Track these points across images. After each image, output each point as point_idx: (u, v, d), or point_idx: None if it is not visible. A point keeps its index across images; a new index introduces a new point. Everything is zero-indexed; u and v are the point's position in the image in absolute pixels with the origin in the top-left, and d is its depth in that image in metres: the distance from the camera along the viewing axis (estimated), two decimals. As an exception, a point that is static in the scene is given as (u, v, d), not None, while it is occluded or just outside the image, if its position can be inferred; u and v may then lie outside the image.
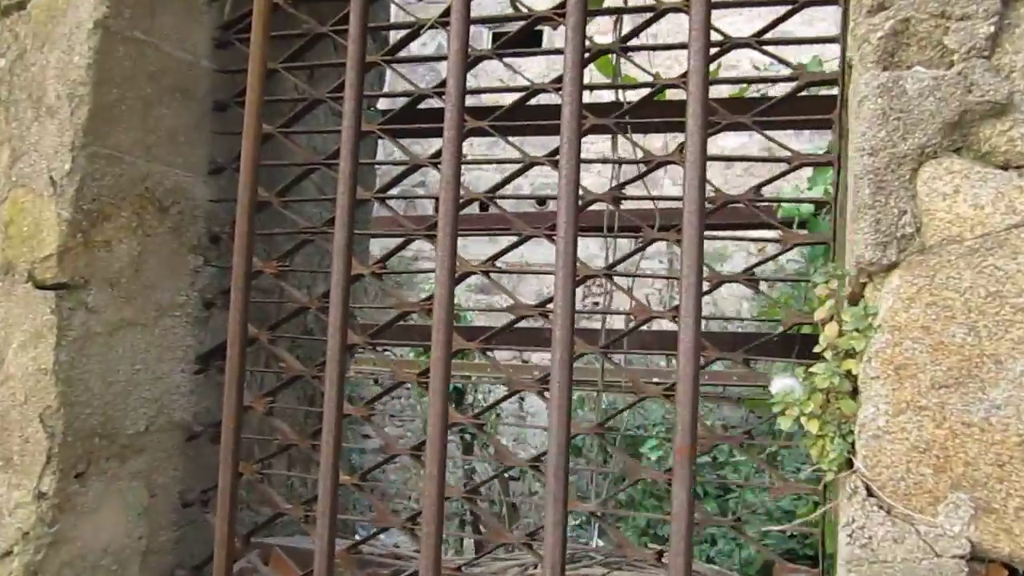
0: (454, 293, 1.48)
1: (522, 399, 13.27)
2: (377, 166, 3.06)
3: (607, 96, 4.21)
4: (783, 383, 1.47)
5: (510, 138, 2.08)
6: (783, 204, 3.67)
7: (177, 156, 2.28)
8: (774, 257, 2.09)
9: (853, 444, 1.43)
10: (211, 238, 2.36)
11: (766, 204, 2.48)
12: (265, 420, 2.33)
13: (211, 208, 2.37)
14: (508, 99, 2.02)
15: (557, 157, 1.56)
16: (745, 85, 3.33)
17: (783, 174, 1.78)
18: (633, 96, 2.00)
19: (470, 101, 1.58)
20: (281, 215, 2.27)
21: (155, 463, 2.27)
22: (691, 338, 1.38)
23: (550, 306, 1.57)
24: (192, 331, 2.37)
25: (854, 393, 1.44)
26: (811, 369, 1.45)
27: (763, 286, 3.55)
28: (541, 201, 13.85)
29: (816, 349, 1.47)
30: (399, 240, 2.18)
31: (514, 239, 1.95)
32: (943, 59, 1.41)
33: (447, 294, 1.49)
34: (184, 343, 2.35)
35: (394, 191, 2.38)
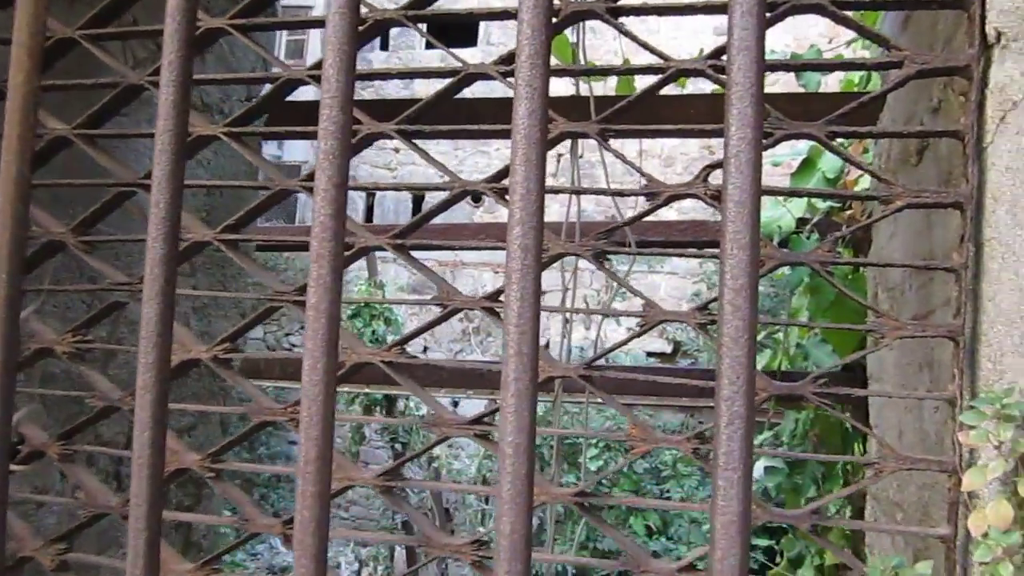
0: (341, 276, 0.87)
1: (456, 403, 12.73)
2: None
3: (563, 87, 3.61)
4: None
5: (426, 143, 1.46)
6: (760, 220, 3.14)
7: None
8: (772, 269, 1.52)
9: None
10: None
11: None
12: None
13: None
14: (423, 90, 1.40)
15: (504, 183, 0.98)
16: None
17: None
18: (612, 87, 1.39)
19: (367, 92, 0.98)
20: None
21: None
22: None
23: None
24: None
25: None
26: None
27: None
28: (476, 198, 13.33)
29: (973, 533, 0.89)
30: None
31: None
32: None
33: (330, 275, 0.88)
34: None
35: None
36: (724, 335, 0.89)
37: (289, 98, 1.54)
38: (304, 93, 1.50)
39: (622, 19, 1.10)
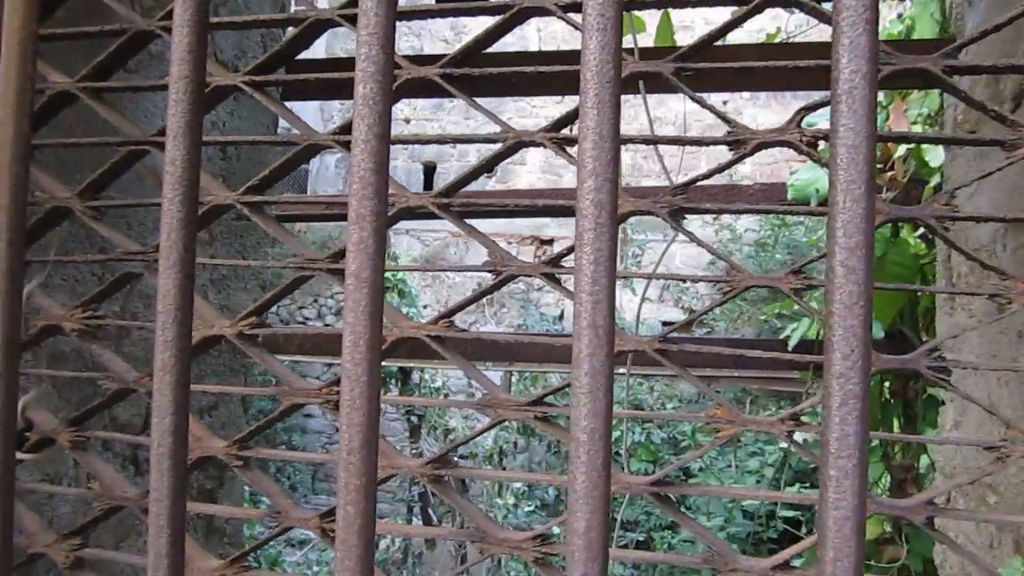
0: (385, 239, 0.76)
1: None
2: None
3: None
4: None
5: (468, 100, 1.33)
6: (794, 184, 3.00)
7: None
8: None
9: None
10: None
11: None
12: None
13: None
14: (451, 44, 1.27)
15: (564, 133, 0.86)
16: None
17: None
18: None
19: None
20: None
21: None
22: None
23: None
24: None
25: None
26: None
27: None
28: (490, 170, 13.15)
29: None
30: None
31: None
32: None
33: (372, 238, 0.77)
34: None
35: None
36: (835, 302, 0.77)
37: (306, 59, 1.41)
38: (319, 52, 1.37)
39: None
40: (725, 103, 11.77)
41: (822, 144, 0.85)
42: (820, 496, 0.76)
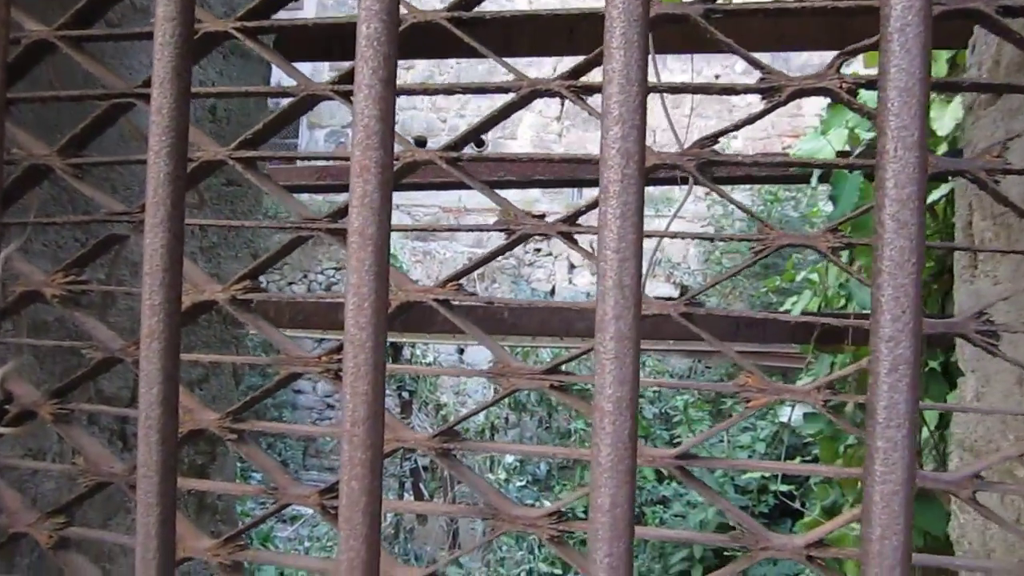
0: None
1: (462, 351, 12.63)
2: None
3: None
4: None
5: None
6: (797, 155, 2.93)
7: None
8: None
9: None
10: None
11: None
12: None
13: None
14: None
15: (583, 80, 0.79)
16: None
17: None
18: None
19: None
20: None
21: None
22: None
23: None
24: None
25: None
26: None
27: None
28: (479, 143, 13.05)
29: None
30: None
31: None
32: None
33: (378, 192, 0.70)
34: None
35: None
36: (885, 258, 0.71)
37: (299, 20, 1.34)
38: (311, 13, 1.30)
39: None
40: (717, 77, 11.66)
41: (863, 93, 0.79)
42: (865, 469, 0.70)
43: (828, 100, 3.56)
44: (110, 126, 1.07)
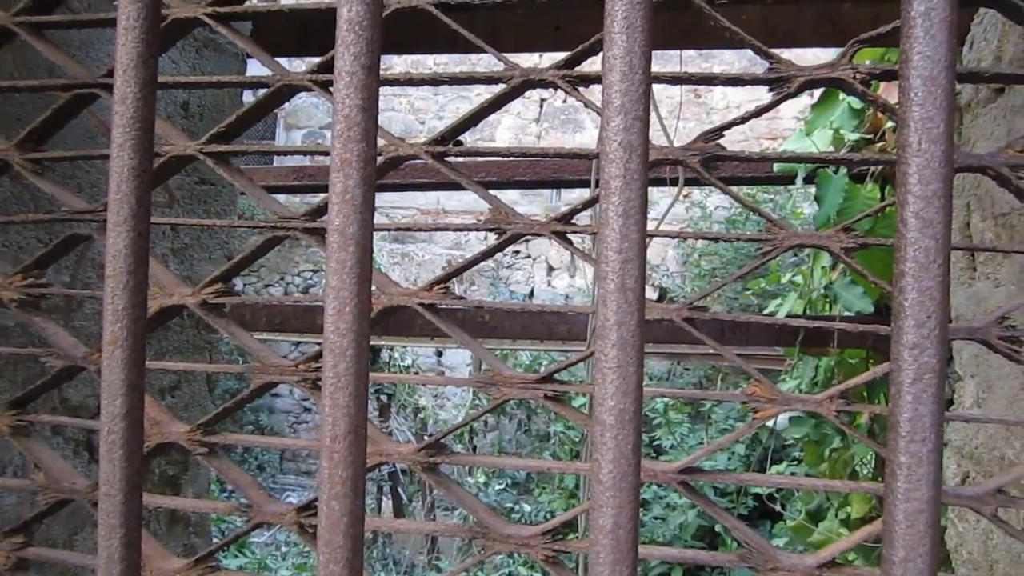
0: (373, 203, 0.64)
1: (440, 353, 12.56)
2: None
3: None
4: None
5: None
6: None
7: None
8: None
9: None
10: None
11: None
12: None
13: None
14: None
15: (580, 70, 0.74)
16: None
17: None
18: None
19: None
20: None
21: None
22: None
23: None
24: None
25: None
26: None
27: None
28: (458, 144, 12.98)
29: None
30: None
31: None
32: None
33: (361, 188, 0.65)
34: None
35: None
36: (908, 259, 0.66)
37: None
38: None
39: None
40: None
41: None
42: (887, 486, 0.66)
43: (811, 102, 3.54)
44: (72, 119, 1.00)
